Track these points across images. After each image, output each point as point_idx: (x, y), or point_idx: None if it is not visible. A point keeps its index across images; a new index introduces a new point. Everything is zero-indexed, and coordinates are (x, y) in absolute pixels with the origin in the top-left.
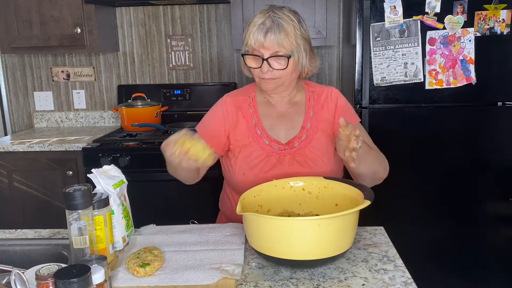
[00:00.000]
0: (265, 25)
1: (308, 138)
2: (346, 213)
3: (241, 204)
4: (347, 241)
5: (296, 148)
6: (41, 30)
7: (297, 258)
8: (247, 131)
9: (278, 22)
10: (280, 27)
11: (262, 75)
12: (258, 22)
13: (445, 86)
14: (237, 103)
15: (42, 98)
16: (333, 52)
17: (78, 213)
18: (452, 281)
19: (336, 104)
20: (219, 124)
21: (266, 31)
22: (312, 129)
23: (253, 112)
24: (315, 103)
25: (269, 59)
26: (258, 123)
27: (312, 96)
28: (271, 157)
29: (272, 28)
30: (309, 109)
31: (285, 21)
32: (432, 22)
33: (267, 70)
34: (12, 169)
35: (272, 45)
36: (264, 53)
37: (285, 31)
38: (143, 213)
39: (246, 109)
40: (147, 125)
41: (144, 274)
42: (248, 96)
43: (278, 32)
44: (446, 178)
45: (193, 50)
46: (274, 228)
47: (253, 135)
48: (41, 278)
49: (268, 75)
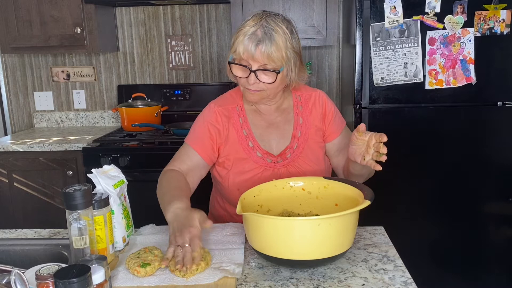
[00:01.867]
0: (256, 35)
1: (300, 147)
2: (345, 213)
3: (241, 204)
4: (347, 241)
5: (288, 160)
6: (41, 30)
7: (297, 258)
8: (239, 143)
9: (270, 34)
10: (272, 40)
11: (247, 86)
12: (249, 32)
13: (445, 86)
14: (227, 113)
15: (42, 98)
16: (333, 52)
17: (78, 213)
18: (452, 281)
19: (325, 110)
20: (210, 136)
21: (257, 43)
22: (302, 137)
23: (243, 122)
24: (303, 109)
25: (256, 71)
26: (249, 134)
27: (299, 102)
28: (265, 171)
29: (264, 40)
30: (298, 115)
31: (278, 33)
32: (432, 22)
33: (254, 82)
34: (12, 169)
35: (261, 58)
36: (252, 64)
37: (276, 44)
38: (143, 213)
39: (236, 119)
40: (147, 125)
41: (145, 274)
42: (237, 104)
43: (270, 45)
44: (446, 178)
45: (193, 50)
46: (274, 228)
47: (245, 148)
48: (41, 278)
49: (254, 87)
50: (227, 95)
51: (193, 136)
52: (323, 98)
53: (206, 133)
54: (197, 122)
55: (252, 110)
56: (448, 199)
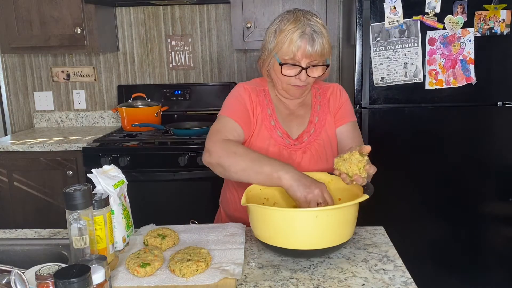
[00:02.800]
0: (307, 34)
1: (316, 131)
2: (343, 206)
3: (246, 196)
4: (346, 232)
5: (305, 143)
6: (41, 30)
7: (298, 248)
8: (262, 119)
9: (320, 31)
10: (322, 36)
11: (295, 83)
12: (298, 32)
13: (445, 86)
14: (255, 92)
15: (42, 98)
16: (333, 52)
17: (78, 213)
18: (452, 281)
19: (340, 97)
20: (245, 104)
21: (312, 42)
22: (320, 122)
23: (268, 102)
24: (321, 98)
25: (307, 68)
26: (272, 113)
27: (318, 93)
28: (283, 150)
29: (317, 38)
30: (316, 104)
31: (323, 27)
32: (432, 22)
33: (305, 78)
34: (12, 169)
35: (315, 55)
36: (302, 62)
37: (326, 39)
38: (143, 213)
39: (262, 98)
40: (147, 125)
41: (145, 274)
42: (263, 88)
43: (322, 41)
44: (446, 178)
45: (193, 50)
46: (275, 219)
47: (267, 126)
48: (41, 278)
49: (303, 83)
50: (253, 81)
51: (229, 109)
52: (340, 87)
53: (241, 103)
54: (229, 98)
55: (277, 99)
56: (448, 199)
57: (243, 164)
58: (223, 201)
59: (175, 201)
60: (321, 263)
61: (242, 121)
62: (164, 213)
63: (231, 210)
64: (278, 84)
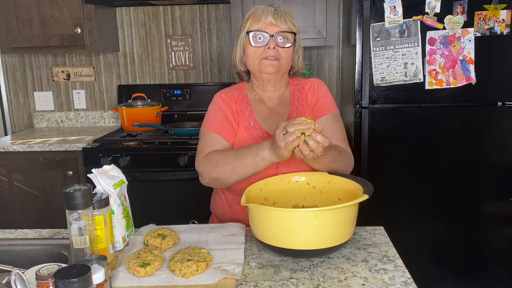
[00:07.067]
0: (271, 7)
1: None
2: (343, 206)
3: (246, 197)
4: (346, 232)
5: None
6: (41, 30)
7: (298, 248)
8: (241, 121)
9: (283, 8)
10: (285, 10)
11: (265, 54)
12: (263, 7)
13: (445, 86)
14: (232, 98)
15: (42, 98)
16: (333, 52)
17: (78, 213)
18: (452, 281)
19: (318, 90)
20: (225, 114)
21: (275, 11)
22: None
23: (246, 105)
24: (299, 93)
25: (275, 35)
26: (251, 114)
27: (296, 89)
28: None
29: (279, 10)
30: (294, 100)
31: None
32: (432, 22)
33: (274, 46)
34: (12, 169)
35: (281, 22)
36: (269, 30)
37: (289, 13)
38: (143, 213)
39: (239, 102)
40: (147, 125)
41: (145, 274)
42: (241, 92)
43: (284, 13)
44: (446, 178)
45: (193, 50)
46: (275, 219)
47: (247, 127)
48: (41, 278)
49: (273, 53)
50: (231, 87)
51: (210, 122)
52: (319, 81)
53: (219, 113)
54: (209, 111)
55: (255, 100)
56: (448, 199)
57: (229, 167)
58: (213, 206)
59: (175, 201)
60: (321, 263)
61: (224, 132)
62: (164, 213)
63: (220, 213)
64: (251, 63)
